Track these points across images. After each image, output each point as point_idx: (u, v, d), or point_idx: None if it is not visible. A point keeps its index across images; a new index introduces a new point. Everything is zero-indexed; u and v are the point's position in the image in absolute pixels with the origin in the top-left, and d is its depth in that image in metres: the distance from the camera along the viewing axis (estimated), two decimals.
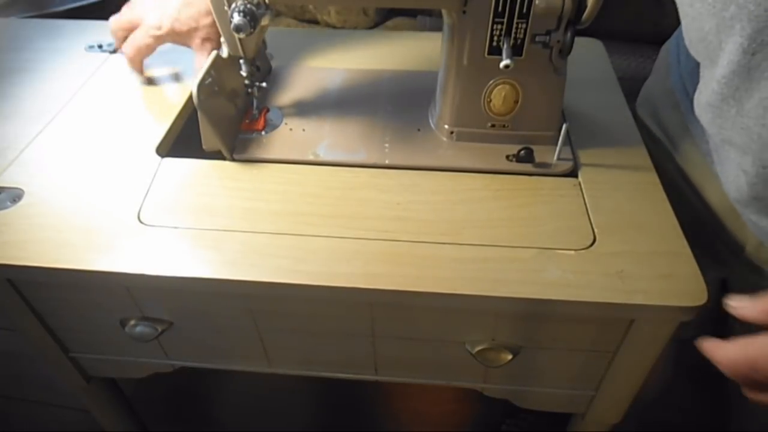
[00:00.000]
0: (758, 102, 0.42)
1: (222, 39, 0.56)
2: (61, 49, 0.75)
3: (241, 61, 0.58)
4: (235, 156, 0.58)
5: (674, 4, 0.49)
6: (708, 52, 0.45)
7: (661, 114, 0.65)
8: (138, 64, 0.66)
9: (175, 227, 0.51)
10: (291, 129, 0.62)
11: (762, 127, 0.42)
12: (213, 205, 0.53)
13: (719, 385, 0.68)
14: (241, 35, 0.51)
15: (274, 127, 0.62)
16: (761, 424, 0.65)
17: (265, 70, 0.68)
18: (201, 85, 0.53)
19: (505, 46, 0.51)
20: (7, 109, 0.65)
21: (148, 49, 0.65)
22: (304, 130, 0.62)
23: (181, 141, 0.64)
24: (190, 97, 0.66)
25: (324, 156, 0.58)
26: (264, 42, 0.64)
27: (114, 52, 0.74)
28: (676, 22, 0.52)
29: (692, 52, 0.49)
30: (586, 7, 0.49)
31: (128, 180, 0.56)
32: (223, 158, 0.58)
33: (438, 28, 0.66)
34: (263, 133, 0.61)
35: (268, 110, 0.63)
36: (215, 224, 0.51)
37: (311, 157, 0.58)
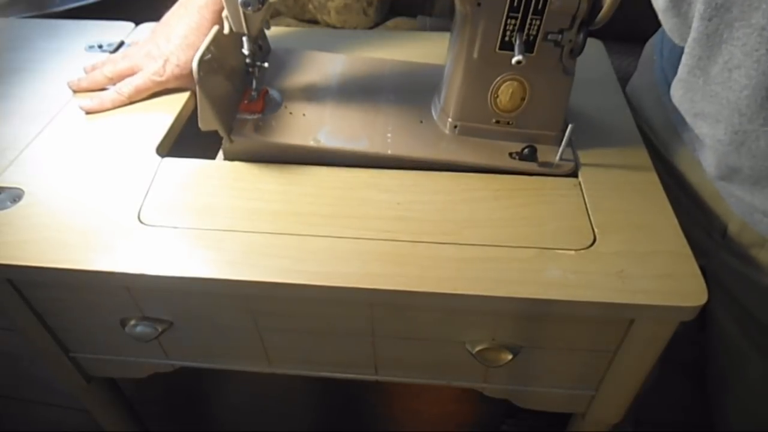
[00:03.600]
0: (722, 67, 0.43)
1: (224, 14, 0.54)
2: (61, 49, 0.75)
3: (244, 38, 0.56)
4: (233, 137, 0.56)
5: None
6: (681, 33, 0.46)
7: (645, 109, 0.65)
8: (127, 102, 0.65)
9: (175, 227, 0.51)
10: (291, 113, 0.60)
11: (729, 90, 0.43)
12: (213, 205, 0.53)
13: (701, 382, 0.68)
14: (249, 10, 0.50)
15: (274, 109, 0.60)
16: (741, 424, 0.65)
17: (265, 51, 0.66)
18: (201, 61, 0.51)
19: (517, 41, 0.51)
20: (7, 109, 0.65)
21: (147, 92, 0.65)
22: (304, 114, 0.60)
23: (181, 141, 0.64)
24: (190, 97, 0.66)
25: (325, 142, 0.57)
26: (267, 22, 0.61)
27: (114, 52, 0.74)
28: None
29: (674, 39, 0.50)
30: (601, 8, 0.49)
31: (128, 180, 0.55)
32: (223, 159, 0.58)
33: (438, 28, 0.66)
34: (262, 115, 0.59)
35: (267, 92, 0.61)
36: (215, 224, 0.51)
37: (312, 143, 0.57)
